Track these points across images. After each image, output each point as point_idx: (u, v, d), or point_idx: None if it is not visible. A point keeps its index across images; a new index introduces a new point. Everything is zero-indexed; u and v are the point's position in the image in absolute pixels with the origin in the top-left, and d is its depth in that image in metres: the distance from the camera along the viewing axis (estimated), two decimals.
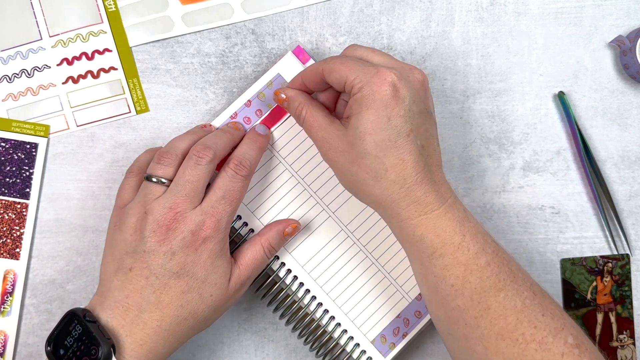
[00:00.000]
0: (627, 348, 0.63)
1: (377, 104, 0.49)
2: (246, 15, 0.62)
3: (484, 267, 0.49)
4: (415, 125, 0.49)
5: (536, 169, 0.63)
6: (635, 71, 0.61)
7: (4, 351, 0.60)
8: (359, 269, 0.58)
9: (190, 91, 0.62)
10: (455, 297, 0.49)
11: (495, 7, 0.63)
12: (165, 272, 0.50)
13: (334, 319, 0.57)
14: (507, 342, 0.47)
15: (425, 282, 0.51)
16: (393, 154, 0.49)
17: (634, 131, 0.63)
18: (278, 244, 0.56)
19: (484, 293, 0.48)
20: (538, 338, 0.47)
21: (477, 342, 0.48)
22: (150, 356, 0.50)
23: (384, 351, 0.57)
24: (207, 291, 0.51)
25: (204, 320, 0.52)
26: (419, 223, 0.49)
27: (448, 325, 0.51)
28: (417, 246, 0.50)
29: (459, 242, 0.49)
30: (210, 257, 0.51)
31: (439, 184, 0.50)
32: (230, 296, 0.53)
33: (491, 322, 0.48)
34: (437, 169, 0.51)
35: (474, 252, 0.49)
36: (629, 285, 0.63)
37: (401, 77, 0.49)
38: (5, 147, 0.61)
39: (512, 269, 0.50)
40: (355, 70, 0.50)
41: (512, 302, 0.48)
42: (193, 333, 0.52)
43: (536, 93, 0.63)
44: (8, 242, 0.60)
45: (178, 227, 0.50)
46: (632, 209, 0.63)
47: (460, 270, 0.49)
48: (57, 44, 0.61)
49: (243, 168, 0.53)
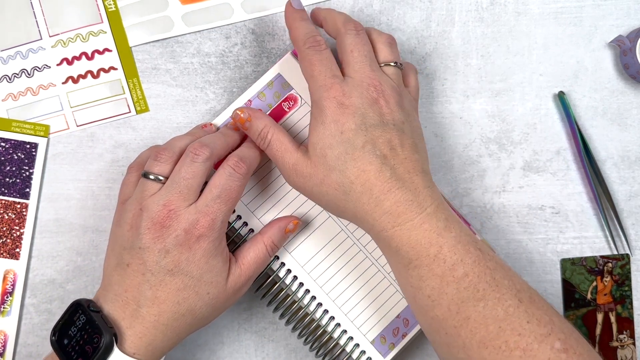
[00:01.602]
0: (627, 348, 0.63)
1: (328, 120, 0.50)
2: (246, 15, 0.62)
3: (461, 278, 0.48)
4: (370, 137, 0.49)
5: (536, 169, 0.63)
6: (635, 71, 0.61)
7: (4, 351, 0.60)
8: (359, 269, 0.58)
9: (190, 91, 0.62)
10: (432, 308, 0.49)
11: (495, 7, 0.63)
12: (160, 269, 0.50)
13: (333, 319, 0.57)
14: (489, 349, 0.47)
15: (405, 292, 0.51)
16: (353, 166, 0.49)
17: (634, 131, 0.63)
18: (280, 241, 0.56)
19: (462, 304, 0.48)
20: (522, 345, 0.46)
21: (459, 350, 0.48)
22: (150, 349, 0.50)
23: (384, 351, 0.57)
24: (204, 289, 0.51)
25: (202, 317, 0.52)
26: (393, 234, 0.49)
27: (430, 333, 0.51)
28: (394, 257, 0.50)
29: (435, 254, 0.48)
30: (205, 255, 0.51)
31: (415, 192, 0.49)
32: (230, 295, 0.53)
33: (471, 332, 0.47)
34: (413, 177, 0.49)
35: (451, 264, 0.48)
36: (629, 285, 0.63)
37: (351, 94, 0.50)
38: (5, 147, 0.61)
39: (496, 278, 0.48)
40: (317, 78, 0.51)
41: (492, 311, 0.47)
42: (192, 329, 0.52)
43: (536, 93, 0.63)
44: (8, 242, 0.60)
45: (172, 225, 0.50)
46: (632, 209, 0.63)
47: (436, 282, 0.48)
48: (57, 44, 0.61)
49: (242, 166, 0.52)
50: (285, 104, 0.59)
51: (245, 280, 0.54)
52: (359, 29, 0.53)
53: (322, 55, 0.52)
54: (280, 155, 0.52)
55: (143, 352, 0.50)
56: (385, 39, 0.55)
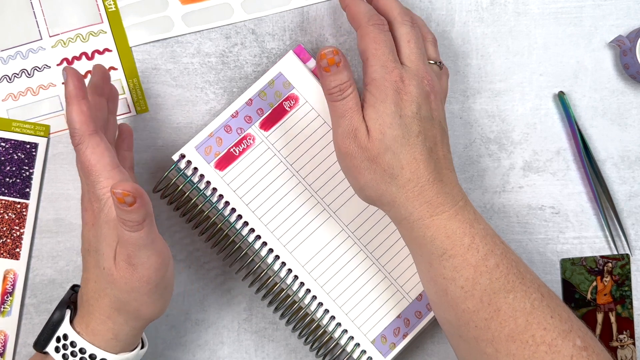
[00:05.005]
0: (627, 348, 0.63)
1: (389, 100, 0.49)
2: (246, 15, 0.62)
3: (493, 269, 0.49)
4: (423, 127, 0.50)
5: (536, 169, 0.63)
6: (635, 71, 0.61)
7: (4, 351, 0.60)
8: (360, 269, 0.58)
9: (190, 91, 0.62)
10: (465, 299, 0.49)
11: (495, 7, 0.63)
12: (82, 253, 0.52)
13: (334, 319, 0.57)
14: (517, 344, 0.48)
15: (434, 285, 0.51)
16: (407, 151, 0.49)
17: (634, 131, 0.63)
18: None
19: (493, 295, 0.48)
20: (548, 340, 0.47)
21: (487, 344, 0.48)
22: (90, 329, 0.50)
23: (384, 351, 0.57)
24: (101, 263, 0.49)
25: (120, 300, 0.49)
26: (430, 224, 0.50)
27: (457, 327, 0.51)
28: (427, 247, 0.50)
29: (469, 244, 0.49)
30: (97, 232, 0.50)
31: (450, 186, 0.50)
32: (120, 277, 0.48)
33: (501, 324, 0.48)
34: (448, 172, 0.51)
35: (484, 254, 0.49)
36: (629, 285, 0.63)
37: (410, 82, 0.50)
38: (5, 147, 0.60)
39: (521, 271, 0.50)
40: (380, 58, 0.50)
41: (521, 303, 0.48)
42: (124, 313, 0.50)
43: (536, 93, 0.63)
44: (8, 242, 0.60)
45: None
46: (632, 209, 0.63)
47: (470, 272, 0.49)
48: (57, 44, 0.61)
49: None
50: (286, 103, 0.59)
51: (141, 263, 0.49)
52: (414, 22, 0.54)
53: (386, 36, 0.52)
54: (349, 115, 0.51)
55: (84, 329, 0.50)
56: (432, 38, 0.56)
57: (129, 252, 0.47)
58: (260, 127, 0.59)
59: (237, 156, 0.58)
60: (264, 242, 0.57)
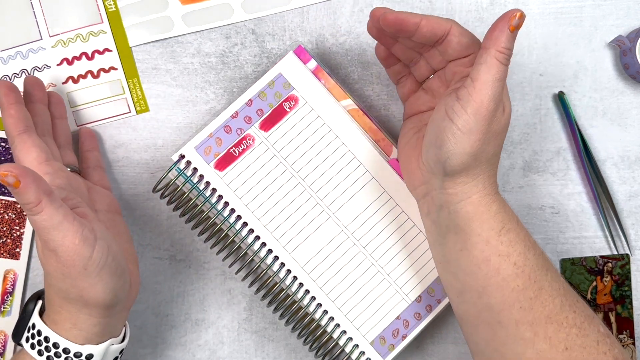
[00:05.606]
0: (627, 348, 0.63)
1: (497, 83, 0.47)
2: (246, 15, 0.62)
3: (534, 244, 0.51)
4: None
5: (536, 169, 0.63)
6: (635, 71, 0.61)
7: (4, 351, 0.60)
8: (359, 270, 0.58)
9: (190, 91, 0.62)
10: (516, 277, 0.49)
11: (495, 7, 0.63)
12: None
13: (333, 320, 0.58)
14: (554, 325, 0.48)
15: (486, 266, 0.50)
16: (501, 139, 0.50)
17: (634, 131, 0.63)
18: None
19: (538, 271, 0.50)
20: (578, 323, 0.48)
21: (527, 327, 0.49)
22: (56, 320, 0.49)
23: (383, 352, 0.57)
24: (39, 257, 0.49)
25: (60, 286, 0.48)
26: (496, 198, 0.51)
27: (499, 312, 0.50)
28: (489, 223, 0.50)
29: (517, 220, 0.51)
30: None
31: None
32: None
33: (542, 304, 0.49)
34: None
35: (525, 229, 0.51)
36: (628, 285, 0.63)
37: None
38: (5, 147, 0.61)
39: (544, 253, 0.52)
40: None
41: (556, 283, 0.50)
42: (72, 301, 0.49)
43: (536, 93, 0.63)
44: (8, 242, 0.60)
45: None
46: (632, 209, 0.63)
47: (521, 247, 0.50)
48: (57, 44, 0.61)
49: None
50: (286, 104, 0.59)
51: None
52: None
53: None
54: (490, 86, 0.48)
55: (47, 319, 0.49)
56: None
57: (44, 238, 0.45)
58: (260, 128, 0.59)
59: (236, 157, 0.58)
60: (263, 243, 0.58)
